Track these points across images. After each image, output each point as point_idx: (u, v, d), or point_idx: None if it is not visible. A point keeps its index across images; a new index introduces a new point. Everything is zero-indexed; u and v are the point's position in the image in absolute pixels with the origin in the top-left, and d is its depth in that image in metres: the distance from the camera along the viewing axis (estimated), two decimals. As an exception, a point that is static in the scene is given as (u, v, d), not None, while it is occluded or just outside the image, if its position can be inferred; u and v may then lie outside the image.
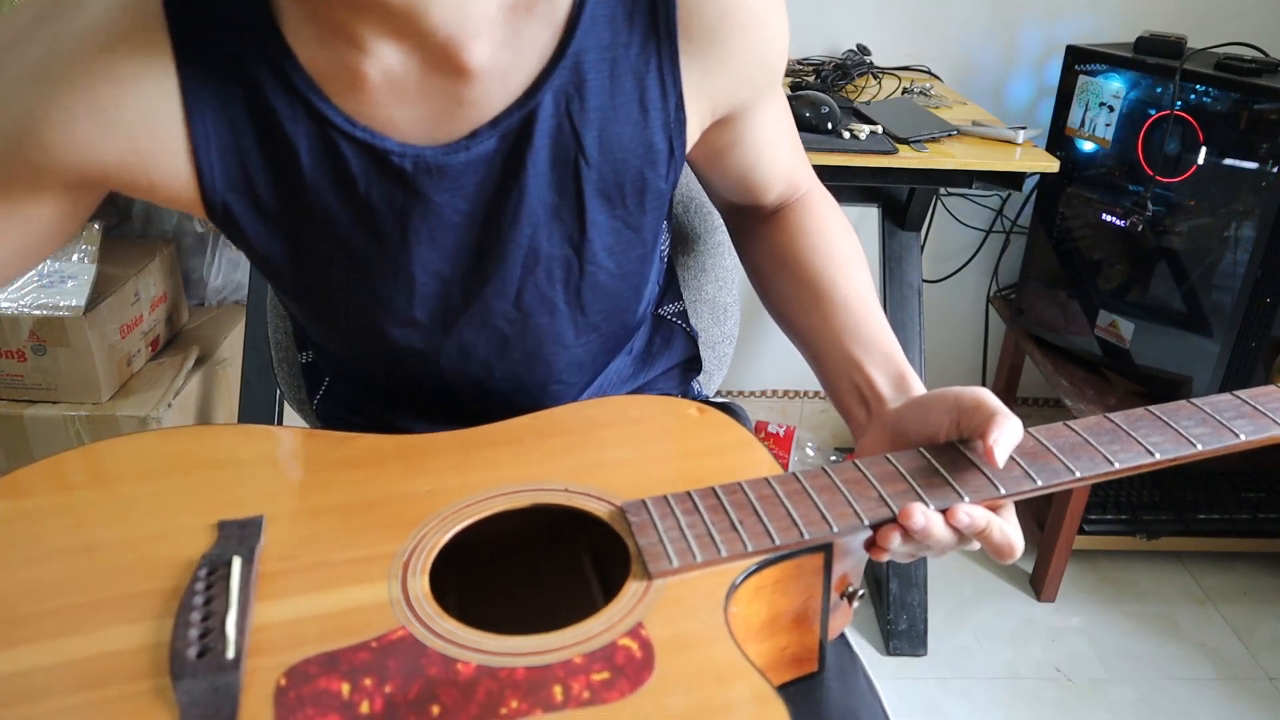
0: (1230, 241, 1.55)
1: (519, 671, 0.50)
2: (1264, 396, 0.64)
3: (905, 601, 1.70)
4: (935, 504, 0.58)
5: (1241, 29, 1.77)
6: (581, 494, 0.62)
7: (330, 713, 0.48)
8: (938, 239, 2.04)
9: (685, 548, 0.56)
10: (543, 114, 0.63)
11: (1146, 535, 1.83)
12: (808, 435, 2.19)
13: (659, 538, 0.57)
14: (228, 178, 0.62)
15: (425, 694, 0.49)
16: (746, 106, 0.72)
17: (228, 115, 0.61)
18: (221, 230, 0.67)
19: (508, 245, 0.67)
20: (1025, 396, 2.21)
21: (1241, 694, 1.66)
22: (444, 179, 0.64)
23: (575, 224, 0.68)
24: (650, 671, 0.50)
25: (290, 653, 0.51)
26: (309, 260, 0.67)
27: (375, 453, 0.67)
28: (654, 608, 0.54)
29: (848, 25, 1.86)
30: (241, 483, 0.64)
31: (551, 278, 0.70)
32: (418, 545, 0.58)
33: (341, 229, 0.65)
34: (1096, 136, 1.68)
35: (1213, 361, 1.60)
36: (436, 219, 0.65)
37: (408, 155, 0.62)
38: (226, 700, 0.48)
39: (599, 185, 0.67)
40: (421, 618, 0.53)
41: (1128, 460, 0.60)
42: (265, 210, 0.64)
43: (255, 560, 0.57)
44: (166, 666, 0.50)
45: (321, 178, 0.63)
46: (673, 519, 0.58)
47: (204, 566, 0.56)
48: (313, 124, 0.61)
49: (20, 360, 1.48)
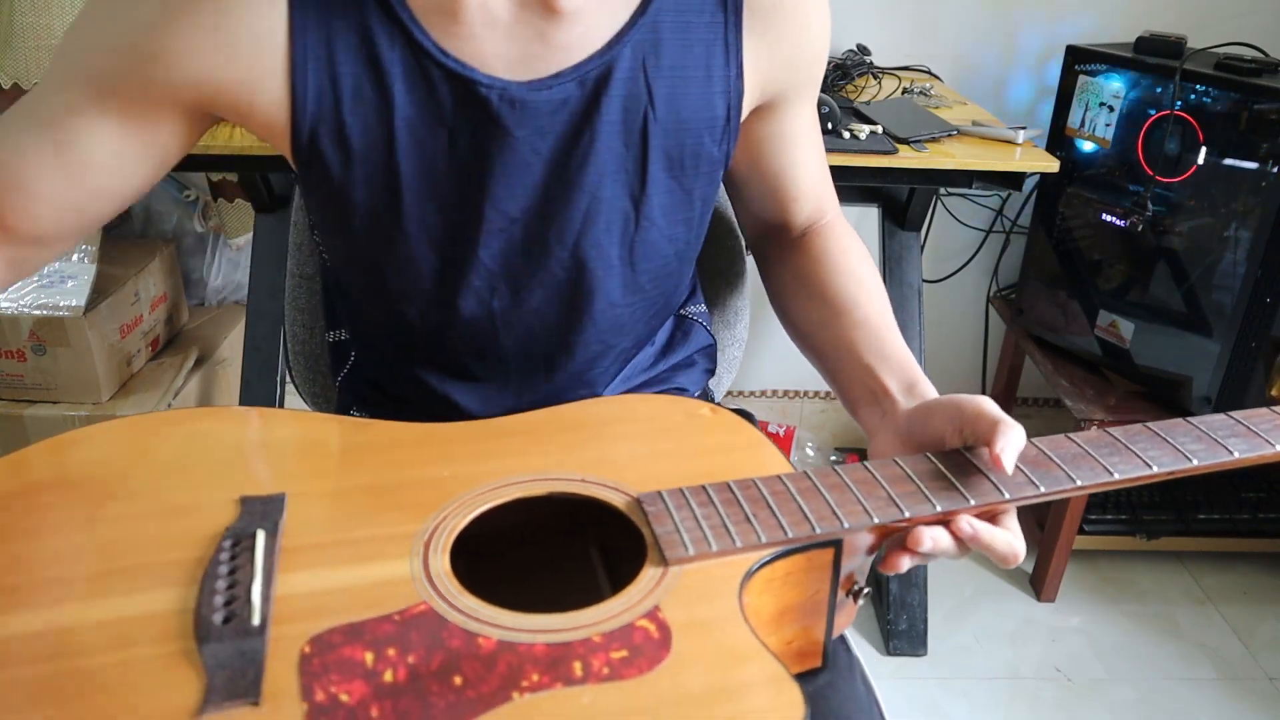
0: (1230, 241, 1.55)
1: (538, 647, 0.51)
2: (1257, 417, 0.68)
3: (905, 601, 1.70)
4: (942, 506, 0.60)
5: (1241, 29, 1.77)
6: (598, 484, 0.64)
7: (355, 679, 0.49)
8: (938, 239, 2.04)
9: (701, 537, 0.58)
10: (621, 66, 0.67)
11: (1146, 535, 1.83)
12: (808, 435, 2.19)
13: (675, 527, 0.59)
14: (319, 100, 0.65)
15: (447, 665, 0.50)
16: (788, 97, 0.77)
17: (328, 34, 0.64)
18: (301, 173, 0.69)
19: (573, 191, 0.70)
20: (1025, 396, 2.21)
21: (1241, 694, 1.66)
22: (525, 115, 0.66)
23: (638, 178, 0.71)
24: (667, 651, 0.51)
25: (314, 622, 0.52)
26: (385, 193, 0.69)
27: (395, 439, 0.68)
28: (671, 592, 0.55)
29: (848, 25, 1.86)
30: (263, 462, 0.66)
31: (610, 229, 0.72)
32: (438, 526, 0.60)
33: (424, 158, 0.67)
34: (1096, 136, 1.68)
35: (1213, 361, 1.60)
36: (512, 155, 0.68)
37: (494, 87, 0.65)
38: (252, 664, 0.49)
39: (663, 142, 0.71)
40: (443, 593, 0.55)
41: (1126, 471, 0.63)
42: (351, 139, 0.66)
43: (279, 534, 0.58)
44: (192, 631, 0.51)
45: (410, 104, 0.66)
46: (688, 510, 0.60)
47: (228, 538, 0.57)
48: (408, 50, 0.64)
49: (20, 360, 1.48)
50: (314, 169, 0.68)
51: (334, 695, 0.48)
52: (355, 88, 0.65)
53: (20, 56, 1.47)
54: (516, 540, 0.68)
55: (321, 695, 0.48)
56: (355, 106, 0.66)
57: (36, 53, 1.48)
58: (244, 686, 0.48)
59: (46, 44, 1.48)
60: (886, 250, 1.70)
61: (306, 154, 0.67)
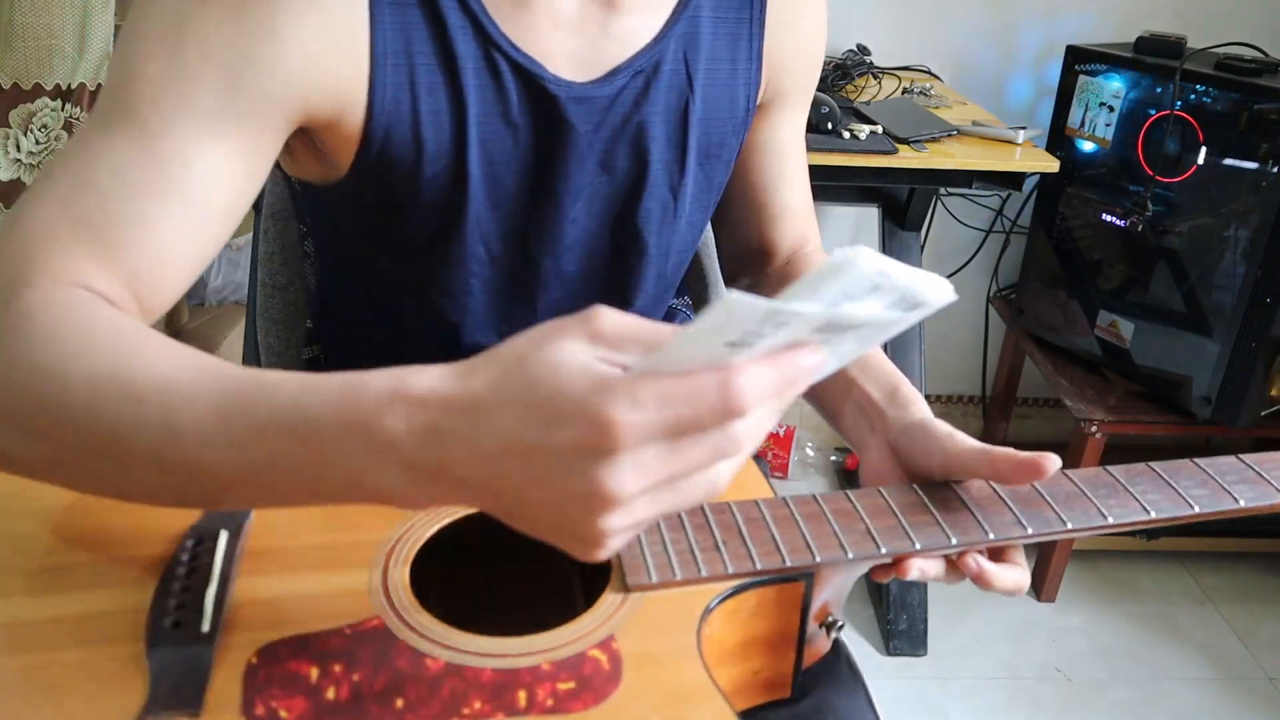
0: (1230, 241, 1.55)
1: (485, 673, 0.50)
2: (1269, 463, 0.64)
3: (905, 601, 1.70)
4: (922, 543, 0.57)
5: (1241, 29, 1.76)
6: None
7: (296, 695, 0.48)
8: (938, 239, 2.04)
9: (666, 563, 0.56)
10: (667, 58, 0.69)
11: (1146, 535, 1.83)
12: (808, 435, 2.19)
13: (641, 551, 0.56)
14: (397, 99, 0.63)
15: (391, 686, 0.49)
16: (786, 101, 0.78)
17: (404, 25, 0.62)
18: (354, 183, 0.66)
19: (621, 180, 0.71)
20: (1025, 396, 2.21)
21: (1241, 694, 1.66)
22: (590, 109, 0.67)
23: (677, 167, 0.72)
24: (616, 685, 0.50)
25: (266, 631, 0.51)
26: (451, 194, 0.67)
27: None
28: (628, 621, 0.53)
29: (848, 25, 1.86)
30: None
31: (649, 218, 0.73)
32: (403, 536, 0.58)
33: (488, 155, 0.67)
34: (1096, 136, 1.68)
35: (1213, 361, 1.60)
36: (575, 151, 0.68)
37: (561, 83, 0.66)
38: (196, 672, 0.48)
39: (700, 133, 0.72)
40: (397, 608, 0.53)
41: (1122, 516, 0.60)
42: (424, 138, 0.65)
43: (243, 535, 0.56)
44: (143, 633, 0.50)
45: (480, 99, 0.65)
46: (657, 533, 0.58)
47: (191, 537, 0.56)
48: (479, 42, 0.64)
49: (20, 360, 1.48)
50: (383, 165, 0.65)
51: (274, 710, 0.47)
52: (430, 82, 0.64)
53: (20, 56, 1.47)
54: (491, 550, 0.66)
55: (261, 710, 0.47)
56: (430, 101, 0.64)
57: (37, 53, 1.48)
58: (185, 696, 0.47)
59: (46, 44, 1.48)
60: (886, 250, 1.70)
61: (376, 160, 0.64)
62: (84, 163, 0.56)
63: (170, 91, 0.56)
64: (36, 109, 1.43)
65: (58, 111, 1.45)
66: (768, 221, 0.83)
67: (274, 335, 0.98)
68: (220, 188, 0.58)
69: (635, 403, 0.36)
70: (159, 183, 0.56)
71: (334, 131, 0.64)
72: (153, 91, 0.56)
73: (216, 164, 0.58)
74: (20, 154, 1.43)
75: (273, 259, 0.97)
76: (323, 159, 0.67)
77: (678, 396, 0.37)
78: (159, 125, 0.56)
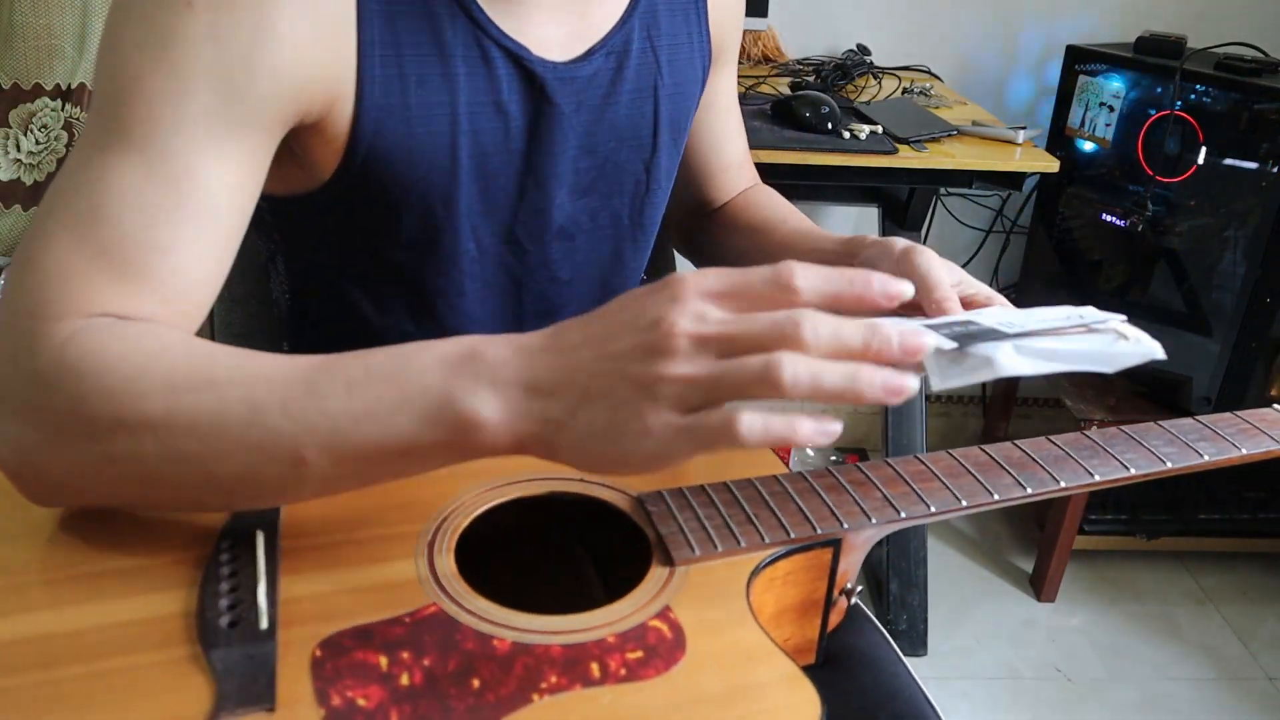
0: (1230, 241, 1.55)
1: (554, 649, 0.51)
2: (1222, 422, 0.71)
3: (905, 601, 1.70)
4: (935, 506, 0.62)
5: (1241, 29, 1.76)
6: (597, 484, 0.64)
7: (371, 684, 0.48)
8: (938, 239, 2.04)
9: (705, 537, 0.58)
10: (634, 36, 0.71)
11: (1146, 535, 1.83)
12: (808, 435, 2.18)
13: (679, 527, 0.59)
14: (388, 92, 0.62)
15: (464, 668, 0.49)
16: (723, 55, 0.81)
17: (392, 21, 0.62)
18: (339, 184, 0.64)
19: (596, 158, 0.72)
20: (1025, 396, 2.21)
21: (1241, 694, 1.66)
22: (573, 89, 0.68)
23: (650, 142, 0.74)
24: (683, 652, 0.52)
25: (323, 625, 0.51)
26: (444, 186, 0.67)
27: None
28: (680, 593, 0.55)
29: (848, 25, 1.86)
30: None
31: (623, 192, 0.75)
32: (441, 525, 0.59)
33: (478, 143, 0.67)
34: (1096, 136, 1.68)
35: (1213, 361, 1.60)
36: (556, 131, 0.69)
37: (547, 64, 0.67)
38: (263, 669, 0.48)
39: (669, 106, 0.74)
40: (452, 595, 0.54)
41: (1107, 474, 0.65)
42: (416, 131, 0.64)
43: (278, 534, 0.57)
44: (195, 635, 0.50)
45: (470, 86, 0.65)
46: (690, 510, 0.61)
47: (225, 539, 0.56)
48: (470, 29, 0.64)
49: (20, 360, 1.48)
50: (372, 166, 0.64)
51: (350, 700, 0.47)
52: (420, 74, 0.63)
53: (20, 56, 1.47)
54: (505, 541, 0.68)
55: (338, 700, 0.47)
56: (420, 94, 0.63)
57: (36, 53, 1.48)
58: (257, 693, 0.47)
59: (46, 44, 1.48)
60: (886, 250, 1.70)
61: (364, 158, 0.63)
62: (90, 191, 0.54)
63: (168, 106, 0.55)
64: (36, 109, 1.43)
65: (58, 111, 1.45)
66: (711, 177, 0.88)
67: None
68: (229, 198, 0.58)
69: (698, 272, 0.45)
70: (172, 205, 0.55)
71: (320, 131, 0.62)
72: (149, 109, 0.54)
73: (222, 175, 0.57)
74: (20, 154, 1.43)
75: (230, 272, 0.94)
76: (302, 166, 0.65)
77: (735, 272, 0.44)
78: (162, 145, 0.55)
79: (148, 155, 0.55)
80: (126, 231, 0.54)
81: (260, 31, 0.56)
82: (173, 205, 0.55)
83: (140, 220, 0.54)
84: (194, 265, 0.57)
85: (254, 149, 0.59)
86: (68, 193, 0.55)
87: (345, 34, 0.60)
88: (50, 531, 0.58)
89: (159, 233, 0.55)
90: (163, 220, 0.55)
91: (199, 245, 0.57)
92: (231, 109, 0.56)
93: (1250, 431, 0.70)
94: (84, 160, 0.55)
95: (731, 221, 0.87)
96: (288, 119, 0.60)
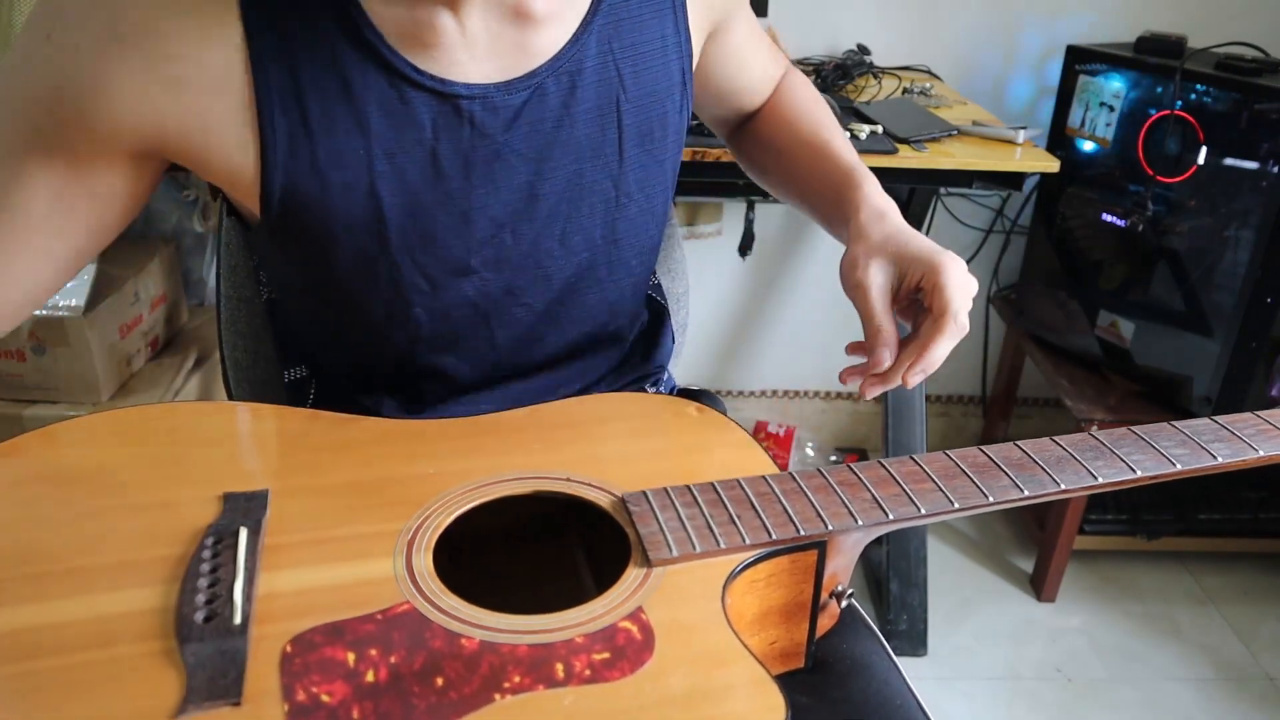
0: (1230, 241, 1.55)
1: (521, 648, 0.51)
2: (1241, 422, 0.69)
3: (905, 601, 1.70)
4: (926, 508, 0.61)
5: (1241, 29, 1.76)
6: (582, 483, 0.64)
7: (335, 680, 0.49)
8: (938, 239, 2.03)
9: (685, 538, 0.58)
10: (589, 53, 0.69)
11: (1146, 535, 1.83)
12: (808, 435, 2.19)
13: (659, 527, 0.59)
14: (291, 140, 0.62)
15: (429, 666, 0.50)
16: (725, 22, 0.80)
17: (292, 67, 0.61)
18: (273, 224, 0.66)
19: (556, 182, 0.70)
20: (1025, 396, 2.20)
21: (1241, 694, 1.66)
22: (507, 118, 0.67)
23: (615, 157, 0.72)
24: (650, 653, 0.51)
25: (296, 621, 0.52)
26: (369, 228, 0.67)
27: (379, 435, 0.68)
28: (654, 593, 0.55)
29: (848, 25, 1.86)
30: (246, 457, 0.66)
31: (593, 211, 0.73)
32: (422, 524, 0.59)
33: (404, 183, 0.66)
34: (1097, 136, 1.68)
35: (1213, 361, 1.60)
36: (497, 160, 0.67)
37: (475, 98, 0.65)
38: (233, 664, 0.49)
39: (635, 119, 0.72)
40: (425, 593, 0.54)
41: (1110, 475, 0.63)
42: (329, 179, 0.64)
43: (261, 532, 0.58)
44: (173, 629, 0.51)
45: (388, 130, 0.64)
46: (672, 510, 0.60)
47: (211, 535, 0.57)
48: (382, 74, 0.63)
49: (20, 360, 1.48)
50: (290, 216, 0.65)
51: (315, 696, 0.48)
52: (327, 124, 0.63)
53: (20, 56, 1.47)
54: (500, 539, 0.68)
55: (303, 695, 0.48)
56: (328, 142, 0.63)
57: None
58: (224, 687, 0.48)
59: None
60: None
61: (279, 203, 0.64)
62: None
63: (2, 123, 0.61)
64: (36, 109, 1.43)
65: (57, 111, 1.44)
66: (740, 104, 0.91)
67: (241, 349, 0.96)
68: (50, 212, 0.63)
69: None
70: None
71: (213, 169, 0.64)
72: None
73: (45, 186, 0.62)
74: (20, 154, 1.43)
75: (236, 272, 0.95)
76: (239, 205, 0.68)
77: None
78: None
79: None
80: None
81: (89, 63, 0.59)
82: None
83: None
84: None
85: (83, 175, 0.62)
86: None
87: (228, 82, 0.61)
88: (35, 526, 0.58)
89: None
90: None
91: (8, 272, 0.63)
92: (58, 133, 0.60)
93: (1270, 432, 0.68)
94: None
95: (759, 138, 0.90)
96: (132, 153, 0.63)
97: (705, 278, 2.07)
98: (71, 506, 0.59)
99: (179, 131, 0.61)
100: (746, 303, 2.12)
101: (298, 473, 0.64)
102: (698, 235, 1.99)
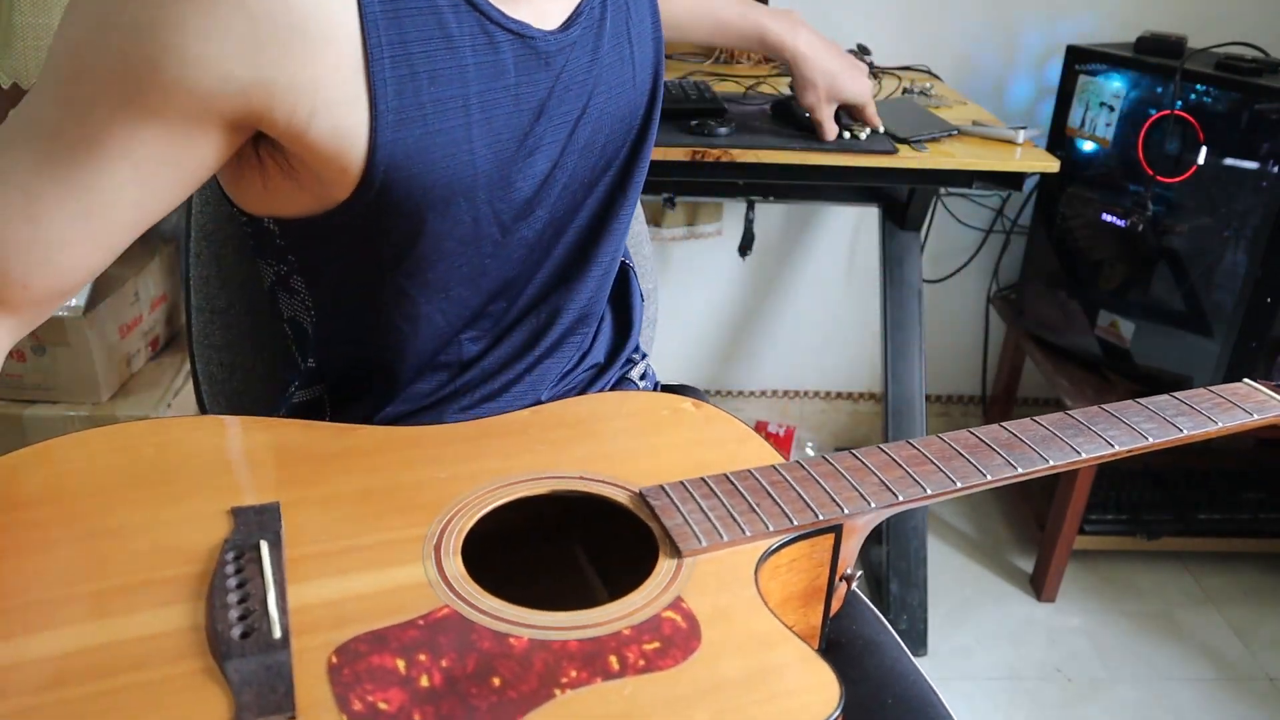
0: (1230, 241, 1.55)
1: (571, 644, 0.52)
2: (1197, 397, 0.74)
3: (905, 601, 1.70)
4: (931, 488, 0.63)
5: (1241, 29, 1.76)
6: (597, 480, 0.64)
7: (390, 687, 0.48)
8: (938, 239, 2.04)
9: (711, 528, 0.59)
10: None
11: (1146, 535, 1.83)
12: (808, 435, 2.19)
13: (684, 519, 0.60)
14: (401, 93, 0.61)
15: (483, 667, 0.50)
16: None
17: (398, 18, 0.60)
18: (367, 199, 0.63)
19: (592, 111, 0.73)
20: (1025, 396, 2.21)
21: (1241, 694, 1.66)
22: (572, 54, 0.70)
23: (636, 97, 0.77)
24: (698, 640, 0.52)
25: (335, 632, 0.52)
26: (464, 177, 0.65)
27: (381, 442, 0.67)
28: (689, 583, 0.56)
29: (848, 25, 1.86)
30: (248, 470, 0.65)
31: (614, 135, 0.76)
32: (445, 528, 0.59)
33: (491, 127, 0.66)
34: (1097, 136, 1.68)
35: (1213, 361, 1.60)
36: (563, 98, 0.70)
37: (550, 38, 0.68)
38: (280, 678, 0.48)
39: (653, 49, 0.77)
40: (463, 596, 0.55)
41: (1091, 451, 0.68)
42: (434, 129, 0.63)
43: (282, 544, 0.57)
44: (207, 648, 0.50)
45: (479, 74, 0.65)
46: (693, 502, 0.61)
47: (229, 551, 0.56)
48: (475, 18, 0.64)
49: (19, 360, 1.48)
50: (391, 184, 0.62)
51: (372, 704, 0.47)
52: (431, 70, 0.62)
53: (20, 56, 1.47)
54: (501, 542, 0.68)
55: (359, 705, 0.47)
56: (433, 91, 0.62)
57: (37, 53, 1.48)
58: (275, 702, 0.47)
59: (47, 44, 1.47)
60: (886, 250, 1.70)
61: (384, 171, 0.61)
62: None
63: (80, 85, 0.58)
64: (36, 109, 1.43)
65: (57, 111, 1.44)
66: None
67: (215, 363, 0.92)
68: (132, 182, 0.60)
69: None
70: (56, 168, 0.59)
71: (314, 134, 0.60)
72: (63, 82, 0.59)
73: (127, 156, 0.59)
74: (20, 154, 1.43)
75: (209, 282, 0.91)
76: (311, 186, 0.64)
77: None
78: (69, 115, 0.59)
79: (45, 134, 0.59)
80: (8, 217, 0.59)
81: (190, 21, 0.54)
82: (62, 193, 0.59)
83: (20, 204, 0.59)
84: (68, 258, 0.61)
85: (173, 146, 0.59)
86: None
87: (342, 33, 0.58)
88: (40, 550, 0.57)
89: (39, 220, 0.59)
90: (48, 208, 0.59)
91: (81, 240, 0.61)
92: (149, 100, 0.56)
93: (1224, 405, 0.73)
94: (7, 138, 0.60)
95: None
96: (229, 122, 0.59)
97: (705, 278, 2.07)
98: (72, 530, 0.58)
99: (288, 86, 0.57)
100: (746, 303, 2.12)
101: (304, 483, 0.63)
102: (698, 235, 2.00)
